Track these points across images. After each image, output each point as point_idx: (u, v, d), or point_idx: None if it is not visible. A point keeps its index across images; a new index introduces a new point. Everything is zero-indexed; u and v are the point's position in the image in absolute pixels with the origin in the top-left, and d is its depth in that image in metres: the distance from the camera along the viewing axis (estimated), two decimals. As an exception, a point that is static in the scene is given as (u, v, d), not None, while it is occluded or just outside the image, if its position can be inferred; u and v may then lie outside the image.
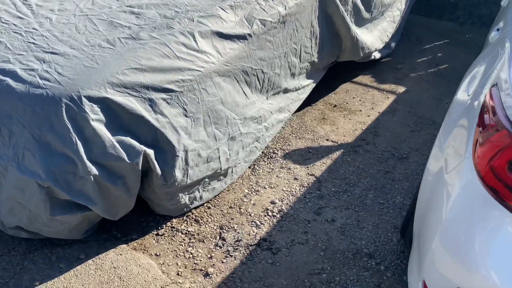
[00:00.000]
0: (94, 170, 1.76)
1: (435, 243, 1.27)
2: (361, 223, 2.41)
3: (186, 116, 2.02)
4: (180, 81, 1.99)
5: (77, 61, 1.84)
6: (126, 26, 2.08)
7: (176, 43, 2.04)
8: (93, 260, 2.02)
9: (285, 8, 2.53)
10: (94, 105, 1.76)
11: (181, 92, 1.99)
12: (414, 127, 3.38)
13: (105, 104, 1.78)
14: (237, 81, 2.31)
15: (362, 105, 3.69)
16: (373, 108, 3.66)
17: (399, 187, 2.72)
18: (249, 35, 2.33)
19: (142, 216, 2.32)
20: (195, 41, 2.10)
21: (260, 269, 2.09)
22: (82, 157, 1.73)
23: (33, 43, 1.91)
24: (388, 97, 3.85)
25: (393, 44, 4.62)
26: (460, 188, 1.26)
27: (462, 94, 1.70)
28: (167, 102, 1.95)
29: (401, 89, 4.00)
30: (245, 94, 2.40)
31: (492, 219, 1.13)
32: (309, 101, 3.59)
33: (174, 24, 2.13)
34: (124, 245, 2.14)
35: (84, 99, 1.74)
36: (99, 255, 2.04)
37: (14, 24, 2.03)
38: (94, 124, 1.75)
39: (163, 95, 1.94)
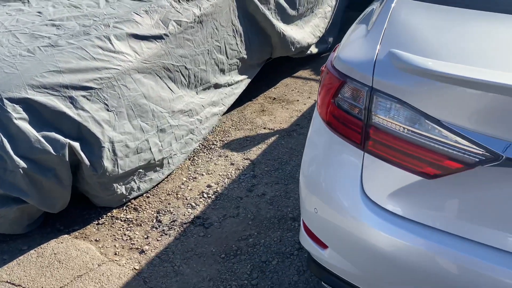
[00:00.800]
0: (22, 163, 1.96)
1: (300, 181, 1.51)
2: (288, 194, 2.63)
3: (108, 110, 2.24)
4: (98, 79, 2.22)
5: (-1, 70, 2.06)
6: (46, 37, 2.31)
7: (92, 46, 2.27)
8: (35, 250, 2.19)
9: (199, 9, 2.79)
10: (15, 105, 1.97)
11: (100, 89, 2.22)
12: (346, 109, 3.64)
13: (27, 104, 2.00)
14: (160, 77, 2.54)
15: (299, 96, 3.95)
16: (309, 97, 3.92)
17: (327, 160, 2.95)
18: (166, 35, 2.57)
19: (85, 210, 2.50)
20: (111, 43, 2.34)
21: (192, 242, 2.29)
22: (9, 152, 1.93)
23: (-40, 59, 2.13)
24: (325, 86, 4.13)
25: (330, 39, 4.92)
26: (310, 131, 1.51)
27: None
28: (87, 99, 2.17)
29: (338, 78, 4.27)
30: (171, 89, 2.63)
31: (332, 149, 1.36)
32: (249, 97, 3.84)
33: (91, 30, 2.37)
34: (66, 235, 2.32)
35: (5, 101, 1.95)
36: (41, 245, 2.22)
37: None
38: (18, 122, 1.95)
39: (83, 93, 2.15)
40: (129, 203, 2.57)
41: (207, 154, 3.06)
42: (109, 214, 2.49)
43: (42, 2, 2.71)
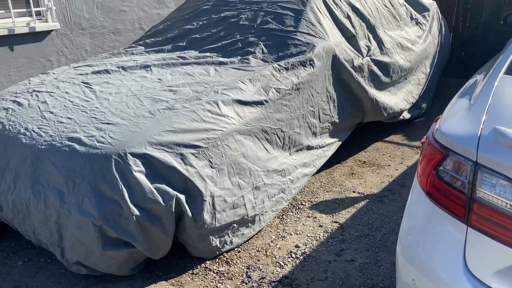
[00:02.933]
0: (136, 211, 2.20)
1: (397, 251, 1.52)
2: (379, 262, 2.58)
3: (211, 167, 2.45)
4: (206, 139, 2.46)
5: (125, 128, 2.39)
6: (164, 100, 2.64)
7: (203, 110, 2.55)
8: (136, 292, 2.38)
9: (297, 78, 3.00)
10: (136, 159, 2.25)
11: (207, 147, 2.45)
12: (441, 177, 3.53)
13: (145, 159, 2.27)
14: (258, 139, 2.74)
15: (391, 161, 3.93)
16: (402, 163, 3.88)
17: (420, 230, 2.86)
18: (266, 101, 2.79)
19: (181, 258, 2.68)
20: (219, 107, 2.60)
21: (280, 301, 2.32)
22: (126, 201, 2.19)
23: (94, 118, 2.51)
24: (418, 153, 4.06)
25: (424, 105, 4.89)
26: (409, 201, 1.53)
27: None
28: (195, 156, 2.40)
29: (431, 144, 4.18)
30: (267, 150, 2.80)
31: (431, 219, 1.37)
32: (339, 159, 3.91)
33: (202, 96, 2.66)
34: (164, 282, 2.49)
35: (129, 155, 2.24)
36: (142, 289, 2.41)
37: (82, 105, 2.68)
38: (136, 174, 2.22)
39: (192, 150, 2.40)
40: (222, 256, 2.70)
41: (295, 214, 3.13)
42: (202, 265, 2.63)
43: (162, 70, 3.12)
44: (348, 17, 3.73)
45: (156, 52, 3.57)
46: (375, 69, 3.74)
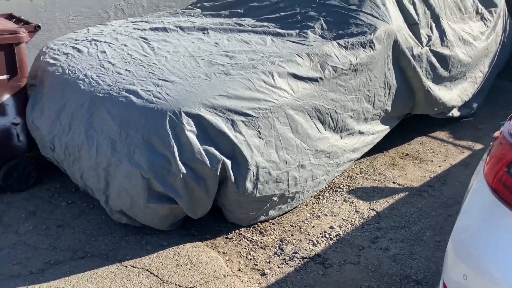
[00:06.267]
0: (183, 169, 2.23)
1: (449, 243, 1.49)
2: (414, 255, 2.55)
3: (259, 137, 2.45)
4: (257, 109, 2.45)
5: (181, 87, 2.41)
6: (221, 65, 2.63)
7: (258, 79, 2.53)
8: (172, 248, 2.45)
9: (356, 59, 2.92)
10: (189, 119, 2.27)
11: (257, 117, 2.44)
12: (486, 180, 3.42)
13: (198, 120, 2.29)
14: (310, 116, 2.70)
15: (434, 157, 3.82)
16: (445, 160, 3.77)
17: (459, 230, 2.80)
18: (321, 78, 2.74)
19: (216, 222, 2.72)
20: (273, 79, 2.57)
21: (311, 278, 2.34)
22: (176, 158, 2.22)
23: (152, 73, 2.54)
24: (463, 152, 3.93)
25: (475, 105, 4.71)
26: (468, 197, 1.49)
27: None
28: (245, 124, 2.40)
29: (478, 146, 4.05)
30: (318, 129, 2.76)
31: (493, 216, 1.33)
32: (381, 148, 3.83)
33: (258, 65, 2.64)
34: (199, 242, 2.54)
35: (183, 114, 2.26)
36: (178, 245, 2.47)
37: (140, 60, 2.70)
38: (188, 133, 2.25)
39: (243, 118, 2.40)
40: (256, 225, 2.73)
41: (332, 196, 3.12)
42: (237, 231, 2.67)
43: (218, 35, 3.10)
44: (413, 3, 3.58)
45: (213, 16, 3.55)
46: (434, 60, 3.61)
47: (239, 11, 3.53)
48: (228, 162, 2.33)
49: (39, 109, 2.67)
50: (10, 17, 2.93)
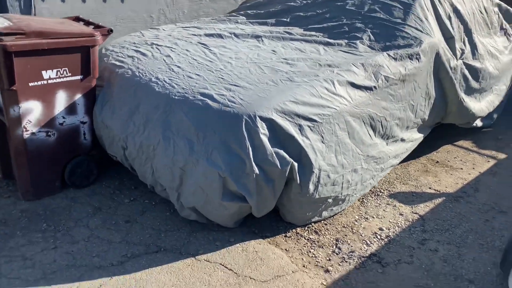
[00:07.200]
0: (256, 170, 2.37)
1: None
2: (462, 256, 2.71)
3: (323, 142, 2.60)
4: (321, 115, 2.60)
5: (252, 92, 2.55)
6: (284, 72, 2.78)
7: (321, 87, 2.68)
8: (239, 244, 2.58)
9: (405, 69, 3.09)
10: (263, 123, 2.41)
11: (321, 123, 2.59)
12: (515, 188, 3.61)
13: (270, 124, 2.43)
14: (364, 123, 2.86)
15: (463, 165, 4.01)
16: (473, 168, 3.96)
17: (499, 234, 2.97)
18: (375, 87, 2.91)
19: (274, 221, 2.86)
20: (334, 87, 2.73)
21: (371, 275, 2.49)
22: (250, 159, 2.36)
23: (222, 78, 2.68)
24: (488, 161, 4.12)
25: (495, 116, 4.92)
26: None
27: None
28: (311, 129, 2.55)
29: (502, 156, 4.25)
30: (370, 136, 2.92)
31: None
32: (412, 156, 4.00)
33: (319, 73, 2.79)
34: (261, 239, 2.68)
35: (257, 118, 2.40)
36: (244, 242, 2.61)
37: (207, 65, 2.84)
38: (262, 136, 2.39)
39: (309, 123, 2.54)
40: (310, 225, 2.87)
41: (375, 200, 3.27)
42: (294, 230, 2.81)
43: (273, 43, 3.25)
44: (449, 18, 3.77)
45: (260, 24, 3.70)
46: (467, 72, 3.79)
47: (285, 19, 3.68)
48: (296, 164, 2.48)
49: (109, 109, 2.78)
50: (77, 19, 3.04)
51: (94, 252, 2.45)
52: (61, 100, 2.70)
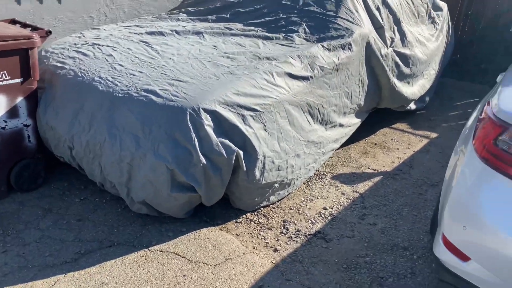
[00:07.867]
0: (203, 160, 2.49)
1: (448, 203, 1.88)
2: (398, 227, 2.98)
3: (265, 130, 2.75)
4: (262, 104, 2.75)
5: (195, 86, 2.65)
6: (225, 66, 2.90)
7: (261, 78, 2.83)
8: (191, 233, 2.69)
9: (338, 59, 3.31)
10: (207, 115, 2.52)
11: (263, 112, 2.74)
12: (444, 164, 3.95)
13: (214, 115, 2.55)
14: (303, 111, 3.05)
15: (399, 145, 4.33)
16: (408, 148, 4.29)
17: (430, 205, 3.28)
18: (311, 77, 3.10)
19: (223, 209, 2.99)
20: (273, 78, 2.89)
21: (316, 250, 2.69)
22: (197, 150, 2.47)
23: (164, 74, 2.76)
24: (422, 140, 4.47)
25: (427, 99, 5.30)
26: (462, 166, 1.89)
27: (471, 120, 2.36)
28: (253, 118, 2.69)
29: (434, 135, 4.62)
30: (309, 122, 3.11)
31: (483, 179, 1.74)
32: (352, 140, 4.27)
33: (259, 66, 2.94)
34: (213, 227, 2.80)
35: (201, 110, 2.51)
36: (196, 230, 2.72)
37: (149, 62, 2.91)
38: (207, 128, 2.50)
39: (251, 113, 2.69)
40: (259, 210, 3.03)
41: (319, 182, 3.49)
42: (243, 216, 2.96)
43: (214, 38, 3.36)
44: (378, 9, 4.04)
45: (201, 20, 3.79)
46: (397, 59, 4.09)
47: (225, 16, 3.80)
48: (241, 152, 2.61)
49: (53, 110, 2.79)
50: (13, 22, 3.00)
51: (47, 252, 2.47)
52: (1, 104, 2.67)
